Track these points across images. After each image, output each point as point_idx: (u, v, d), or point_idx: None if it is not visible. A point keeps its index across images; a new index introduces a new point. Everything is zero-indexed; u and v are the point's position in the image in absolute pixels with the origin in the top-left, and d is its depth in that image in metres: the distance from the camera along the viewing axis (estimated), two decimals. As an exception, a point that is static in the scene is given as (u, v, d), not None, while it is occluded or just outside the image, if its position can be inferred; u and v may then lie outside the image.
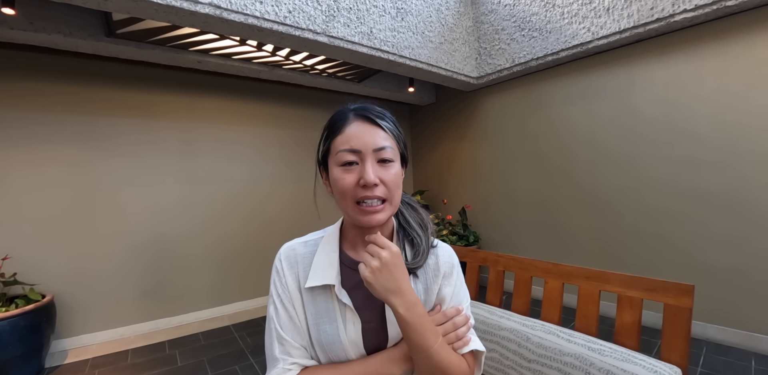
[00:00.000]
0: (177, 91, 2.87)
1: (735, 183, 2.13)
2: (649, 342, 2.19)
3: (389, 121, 0.67)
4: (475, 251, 1.41)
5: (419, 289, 0.72)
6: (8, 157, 2.26)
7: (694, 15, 2.13)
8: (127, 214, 2.64)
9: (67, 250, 2.41)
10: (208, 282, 2.96)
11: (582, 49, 2.64)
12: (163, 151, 2.80)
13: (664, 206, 2.39)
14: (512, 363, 1.02)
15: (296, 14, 2.06)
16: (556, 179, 2.98)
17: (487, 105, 3.53)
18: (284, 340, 0.66)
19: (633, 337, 0.94)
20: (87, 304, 2.46)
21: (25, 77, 2.32)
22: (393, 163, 0.65)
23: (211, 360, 2.23)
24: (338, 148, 0.64)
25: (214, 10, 1.79)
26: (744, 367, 1.93)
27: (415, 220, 0.76)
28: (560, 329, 1.01)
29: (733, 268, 2.14)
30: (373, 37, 2.44)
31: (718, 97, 2.17)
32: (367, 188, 0.62)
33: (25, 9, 1.96)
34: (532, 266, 1.20)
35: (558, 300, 1.11)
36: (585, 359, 0.88)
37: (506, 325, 1.08)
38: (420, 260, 0.70)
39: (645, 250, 2.48)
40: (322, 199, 0.76)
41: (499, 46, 3.13)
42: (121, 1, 1.65)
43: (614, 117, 2.62)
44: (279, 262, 0.72)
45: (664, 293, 0.90)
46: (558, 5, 2.71)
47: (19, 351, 1.94)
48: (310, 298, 0.69)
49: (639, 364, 0.83)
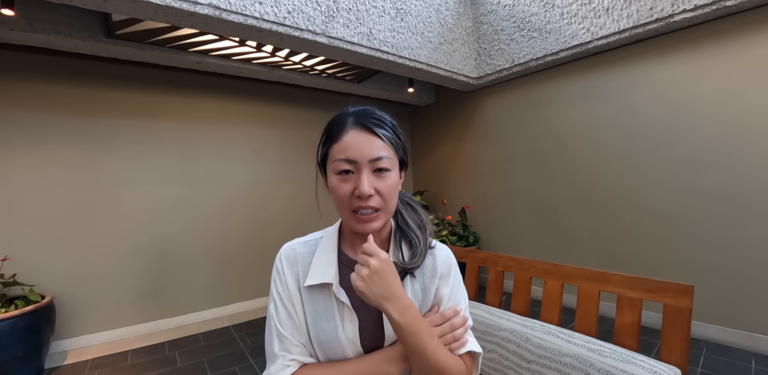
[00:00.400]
0: (176, 92, 2.87)
1: (735, 183, 2.13)
2: (649, 342, 2.19)
3: (388, 129, 0.67)
4: (474, 252, 1.41)
5: (416, 289, 0.72)
6: (8, 157, 2.26)
7: (694, 15, 2.13)
8: (127, 214, 2.64)
9: (66, 250, 2.41)
10: (207, 283, 2.96)
11: (581, 49, 2.64)
12: (162, 152, 2.80)
13: (664, 206, 2.39)
14: (512, 364, 1.02)
15: (295, 15, 2.06)
16: (556, 179, 2.98)
17: (486, 105, 3.53)
18: (284, 337, 0.67)
19: (633, 338, 0.94)
20: (87, 305, 2.46)
21: (24, 78, 2.32)
22: (389, 173, 0.65)
23: (210, 361, 2.23)
24: (335, 156, 0.65)
25: (214, 10, 1.79)
26: (744, 367, 1.93)
27: (414, 221, 0.76)
28: (560, 330, 1.01)
29: (733, 268, 2.14)
30: (372, 38, 2.44)
31: (718, 97, 2.17)
32: (362, 199, 0.63)
33: (25, 10, 1.96)
34: (532, 267, 1.20)
35: (558, 300, 1.11)
36: (584, 360, 0.88)
37: (506, 326, 1.07)
38: (417, 261, 0.71)
39: (645, 250, 2.48)
40: (324, 198, 0.76)
41: (498, 47, 3.13)
42: (121, 2, 1.65)
43: (614, 117, 2.62)
44: (279, 262, 0.73)
45: (664, 294, 0.90)
46: (557, 5, 2.72)
47: (19, 352, 1.94)
48: (309, 297, 0.70)
49: (638, 364, 0.82)
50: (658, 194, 2.41)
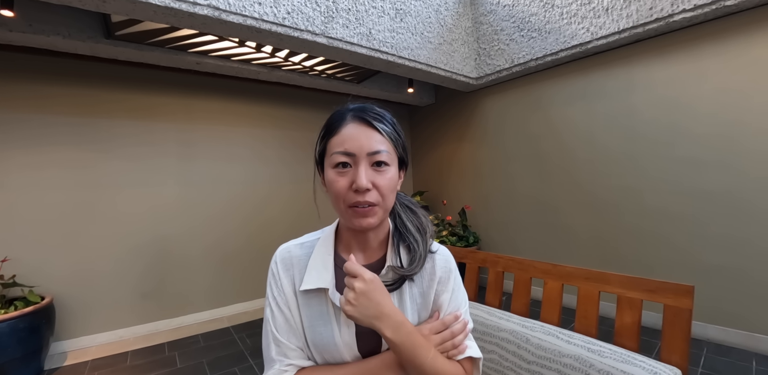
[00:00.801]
0: (176, 93, 2.87)
1: (735, 182, 2.12)
2: (649, 343, 2.18)
3: (387, 124, 0.66)
4: (474, 252, 1.40)
5: (414, 294, 0.71)
6: (7, 158, 2.26)
7: (693, 15, 2.13)
8: (127, 215, 2.63)
9: (66, 251, 2.41)
10: (207, 283, 2.96)
11: (581, 49, 2.64)
12: (162, 153, 2.80)
13: (664, 206, 2.39)
14: (511, 364, 1.01)
15: (295, 15, 2.06)
16: (556, 179, 2.98)
17: (486, 105, 3.53)
18: (280, 341, 0.67)
19: (633, 338, 0.94)
20: (86, 306, 2.46)
21: (24, 79, 2.32)
22: (388, 168, 0.64)
23: (210, 362, 2.23)
24: (333, 149, 0.64)
25: (213, 11, 1.79)
26: (745, 367, 1.92)
27: (413, 224, 0.74)
28: (560, 330, 1.01)
29: (734, 268, 2.14)
30: (372, 38, 2.44)
31: (718, 97, 2.17)
32: (359, 193, 0.61)
33: (24, 11, 1.96)
34: (532, 267, 1.19)
35: (557, 301, 1.11)
36: (584, 361, 0.88)
37: (505, 327, 1.07)
38: (416, 266, 0.69)
39: (646, 250, 2.48)
40: (322, 198, 0.75)
41: (498, 47, 3.13)
42: (120, 3, 1.65)
43: (614, 117, 2.61)
44: (275, 265, 0.72)
45: (664, 294, 0.90)
46: (557, 6, 2.71)
47: (19, 353, 1.94)
48: (305, 301, 0.69)
49: (639, 365, 0.82)
50: (659, 194, 2.40)
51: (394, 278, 0.69)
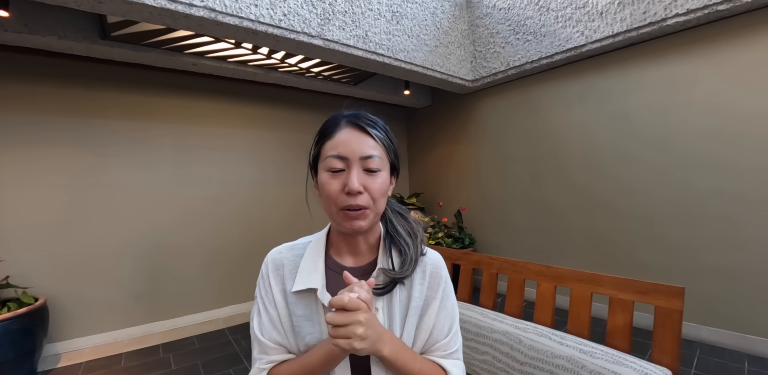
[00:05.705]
0: (172, 94, 2.87)
1: (728, 185, 2.14)
2: (642, 344, 2.19)
3: (380, 130, 0.68)
4: (468, 254, 1.41)
5: (402, 298, 0.71)
6: (1, 159, 2.25)
7: (686, 19, 2.15)
8: (122, 216, 2.62)
9: (60, 252, 2.39)
10: (202, 285, 2.95)
11: (576, 52, 2.66)
12: (158, 154, 2.79)
13: (658, 208, 2.40)
14: (504, 365, 1.02)
15: (291, 17, 2.07)
16: (552, 182, 2.99)
17: (482, 108, 3.55)
18: (261, 341, 0.69)
19: (625, 340, 0.95)
20: (80, 308, 2.44)
21: (19, 79, 2.31)
22: (380, 173, 0.66)
23: (205, 363, 2.22)
24: (327, 153, 0.65)
25: (209, 13, 1.80)
26: (737, 368, 1.94)
27: (404, 229, 0.75)
28: (552, 332, 1.02)
29: (728, 270, 2.15)
30: (368, 41, 2.45)
31: (711, 99, 2.19)
32: (351, 196, 0.63)
33: (20, 11, 1.96)
34: (525, 269, 1.20)
35: (550, 302, 1.12)
36: (576, 362, 0.89)
37: (499, 328, 1.08)
38: (408, 270, 0.70)
39: (640, 251, 2.49)
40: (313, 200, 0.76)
41: (494, 50, 3.15)
42: (116, 4, 1.65)
43: (609, 119, 2.63)
44: (265, 266, 0.74)
45: (655, 295, 0.91)
46: (552, 9, 2.74)
47: (11, 355, 1.92)
48: (294, 301, 0.70)
49: (630, 366, 0.83)
50: (653, 196, 2.42)
51: (385, 281, 0.69)
